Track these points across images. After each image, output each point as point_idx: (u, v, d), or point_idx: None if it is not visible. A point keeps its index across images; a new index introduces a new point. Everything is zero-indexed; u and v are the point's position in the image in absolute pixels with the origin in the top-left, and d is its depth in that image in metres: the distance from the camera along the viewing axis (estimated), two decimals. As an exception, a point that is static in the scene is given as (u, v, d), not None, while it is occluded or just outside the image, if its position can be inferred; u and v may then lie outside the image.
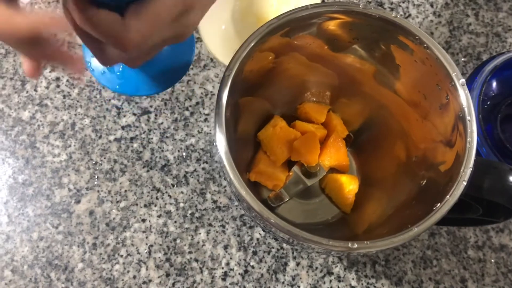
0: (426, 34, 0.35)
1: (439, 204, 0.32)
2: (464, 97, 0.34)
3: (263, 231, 0.48)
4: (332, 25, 0.37)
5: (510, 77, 0.53)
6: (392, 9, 0.59)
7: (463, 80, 0.34)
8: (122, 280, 0.47)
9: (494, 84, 0.53)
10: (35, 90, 0.52)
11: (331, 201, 0.48)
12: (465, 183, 0.32)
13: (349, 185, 0.46)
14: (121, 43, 0.27)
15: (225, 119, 0.34)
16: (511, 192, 0.34)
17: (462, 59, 0.57)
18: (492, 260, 0.49)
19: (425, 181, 0.38)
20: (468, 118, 0.34)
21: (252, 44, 0.35)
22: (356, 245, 0.31)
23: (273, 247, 0.49)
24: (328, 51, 0.41)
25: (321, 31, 0.38)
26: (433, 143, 0.38)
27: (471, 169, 0.33)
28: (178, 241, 0.48)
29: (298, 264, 0.48)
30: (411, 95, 0.40)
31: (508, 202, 0.34)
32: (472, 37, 0.58)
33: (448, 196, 0.32)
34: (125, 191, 0.50)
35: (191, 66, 0.54)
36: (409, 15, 0.58)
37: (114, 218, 0.49)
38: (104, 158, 0.51)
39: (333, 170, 0.48)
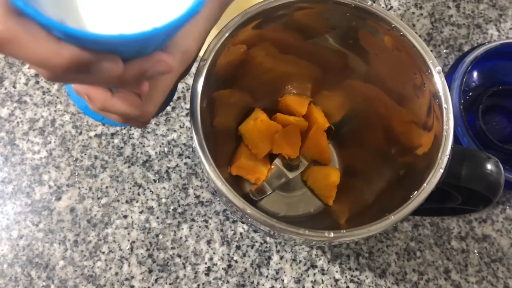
0: (402, 22, 0.35)
1: (416, 192, 0.32)
2: (441, 85, 0.34)
3: (241, 222, 0.48)
4: (307, 15, 0.37)
5: (491, 68, 0.53)
6: (374, 2, 0.59)
7: (439, 68, 0.34)
8: (104, 277, 0.46)
9: (476, 75, 0.53)
10: (14, 87, 0.52)
11: (313, 193, 0.48)
12: (442, 171, 0.32)
13: (331, 177, 0.46)
14: (143, 119, 0.28)
15: (201, 110, 0.33)
16: (489, 179, 0.34)
17: (444, 50, 0.57)
18: (475, 251, 0.49)
19: (404, 171, 0.38)
20: (444, 105, 0.34)
21: (227, 34, 0.34)
22: (332, 234, 0.30)
23: (256, 241, 0.48)
24: (306, 42, 0.41)
25: (297, 21, 0.38)
26: (411, 132, 0.38)
27: (448, 156, 0.33)
28: (160, 237, 0.48)
29: (281, 257, 0.48)
30: (389, 84, 0.40)
31: (486, 190, 0.34)
32: (454, 28, 0.58)
33: (425, 184, 0.32)
34: (106, 187, 0.49)
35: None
36: (391, 7, 0.58)
37: (95, 215, 0.48)
38: (85, 154, 0.50)
39: (315, 162, 0.48)
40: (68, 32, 0.18)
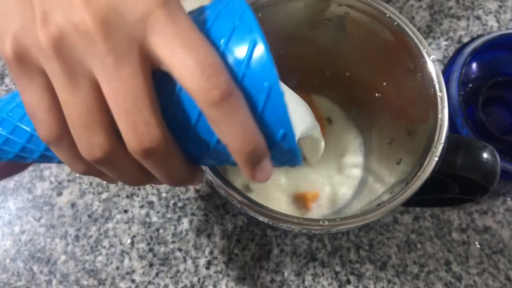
0: (395, 11, 0.35)
1: (411, 180, 0.32)
2: (435, 73, 0.34)
3: (240, 214, 0.48)
4: (302, 7, 0.37)
5: (491, 60, 0.53)
6: (372, -5, 0.59)
7: (433, 56, 0.34)
8: (105, 271, 0.47)
9: (475, 66, 0.53)
10: (15, 84, 0.52)
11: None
12: (436, 159, 0.32)
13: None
14: None
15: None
16: (485, 168, 0.34)
17: (444, 42, 0.57)
18: (476, 242, 0.49)
19: (400, 159, 0.38)
20: (439, 94, 0.34)
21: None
22: (327, 223, 0.30)
23: (256, 235, 0.48)
24: (303, 35, 0.41)
25: (292, 13, 0.38)
26: (407, 121, 0.38)
27: (442, 145, 0.32)
28: (161, 231, 0.48)
29: (282, 251, 0.48)
30: (385, 74, 0.40)
31: (482, 178, 0.34)
32: (453, 20, 0.58)
33: (420, 172, 0.32)
34: (107, 182, 0.49)
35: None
36: None
37: (96, 210, 0.49)
38: (85, 150, 0.50)
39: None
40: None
